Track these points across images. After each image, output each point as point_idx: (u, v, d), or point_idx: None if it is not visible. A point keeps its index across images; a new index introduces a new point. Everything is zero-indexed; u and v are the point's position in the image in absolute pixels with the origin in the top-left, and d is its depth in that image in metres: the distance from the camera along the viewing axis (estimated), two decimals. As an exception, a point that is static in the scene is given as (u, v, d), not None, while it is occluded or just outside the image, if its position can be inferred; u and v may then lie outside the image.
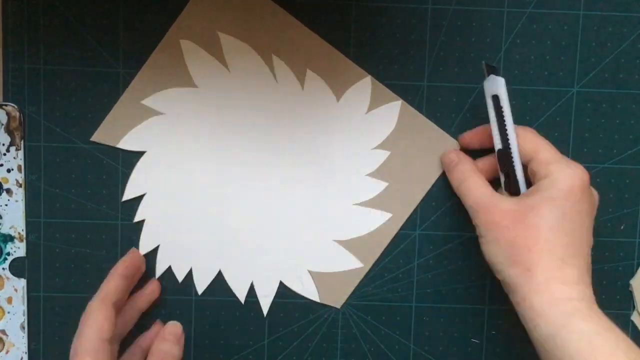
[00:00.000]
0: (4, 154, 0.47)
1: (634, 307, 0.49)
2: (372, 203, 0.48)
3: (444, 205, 0.48)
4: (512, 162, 0.44)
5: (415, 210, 0.48)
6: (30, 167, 0.47)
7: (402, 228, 0.48)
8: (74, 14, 0.46)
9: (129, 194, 0.47)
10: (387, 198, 0.48)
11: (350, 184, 0.48)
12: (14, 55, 0.46)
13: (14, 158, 0.47)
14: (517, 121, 0.47)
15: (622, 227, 0.48)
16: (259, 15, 0.46)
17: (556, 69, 0.47)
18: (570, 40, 0.47)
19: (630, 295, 0.49)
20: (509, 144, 0.44)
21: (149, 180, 0.47)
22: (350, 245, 0.48)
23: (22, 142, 0.47)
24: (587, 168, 0.47)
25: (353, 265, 0.48)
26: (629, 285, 0.49)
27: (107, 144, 0.47)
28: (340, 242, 0.48)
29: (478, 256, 0.48)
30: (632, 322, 0.49)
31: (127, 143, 0.47)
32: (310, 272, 0.48)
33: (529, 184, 0.44)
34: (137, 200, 0.47)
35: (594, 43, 0.47)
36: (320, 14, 0.46)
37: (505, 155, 0.44)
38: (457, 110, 0.47)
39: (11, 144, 0.47)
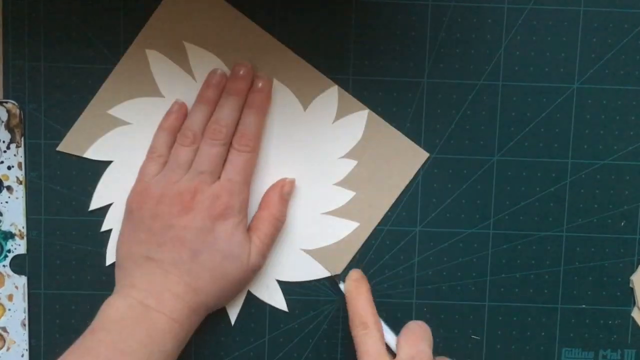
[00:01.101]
0: (5, 151, 0.47)
1: (634, 303, 0.49)
2: (340, 212, 0.48)
3: (444, 202, 0.48)
4: None
5: (415, 207, 0.48)
6: (31, 164, 0.47)
7: (402, 225, 0.48)
8: (74, 11, 0.46)
9: (95, 203, 0.47)
10: (355, 207, 0.48)
11: (318, 193, 0.48)
12: (15, 52, 0.46)
13: (15, 155, 0.47)
14: (518, 118, 0.47)
15: (622, 224, 0.48)
16: (225, 25, 0.46)
17: (556, 66, 0.47)
18: (570, 37, 0.47)
19: (630, 291, 0.49)
20: None
21: (115, 190, 0.47)
22: (318, 254, 0.48)
23: (22, 139, 0.47)
24: (587, 165, 0.48)
25: (321, 274, 0.48)
26: (629, 281, 0.49)
27: (74, 153, 0.47)
28: (308, 252, 0.48)
29: (478, 253, 0.48)
30: (633, 318, 0.49)
31: (93, 153, 0.47)
32: (278, 281, 0.48)
33: None
34: (105, 209, 0.47)
35: (594, 39, 0.47)
36: (320, 10, 0.46)
37: None
38: (458, 107, 0.47)
39: (11, 141, 0.47)
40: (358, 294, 0.45)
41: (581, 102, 0.47)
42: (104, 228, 0.47)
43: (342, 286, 0.47)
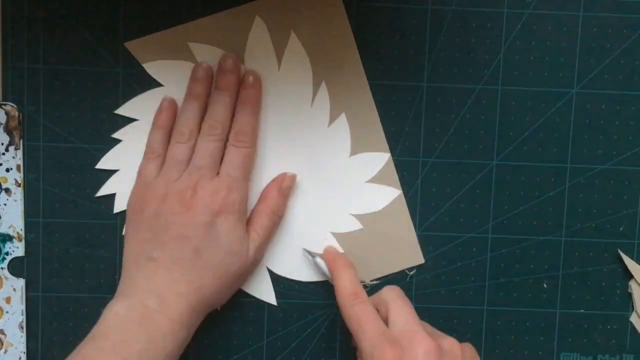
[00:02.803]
0: (3, 154, 0.47)
1: (632, 308, 0.49)
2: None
3: (443, 206, 0.48)
4: None
5: (414, 211, 0.48)
6: (29, 166, 0.47)
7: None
8: (73, 13, 0.46)
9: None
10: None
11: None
12: (14, 54, 0.46)
13: (13, 157, 0.47)
14: (517, 123, 0.47)
15: (621, 229, 0.48)
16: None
17: (555, 70, 0.47)
18: (569, 42, 0.47)
19: (629, 296, 0.49)
20: None
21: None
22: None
23: (21, 141, 0.47)
24: (586, 169, 0.48)
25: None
26: (628, 286, 0.49)
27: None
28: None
29: (477, 257, 0.48)
30: (631, 323, 0.49)
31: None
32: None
33: None
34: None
35: (593, 44, 0.47)
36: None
37: None
38: (457, 111, 0.47)
39: (10, 143, 0.47)
40: (346, 267, 0.45)
41: (580, 107, 0.47)
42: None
43: (319, 261, 0.47)
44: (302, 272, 0.48)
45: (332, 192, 0.48)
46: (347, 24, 0.46)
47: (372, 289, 0.48)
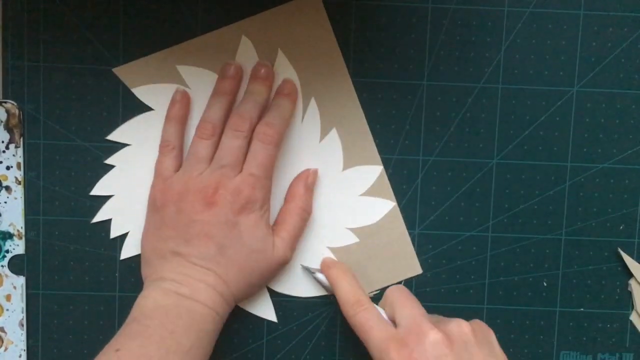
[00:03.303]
0: (3, 152, 0.47)
1: (632, 307, 0.49)
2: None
3: (443, 205, 0.48)
4: None
5: (414, 210, 0.48)
6: (30, 164, 0.47)
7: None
8: (73, 12, 0.46)
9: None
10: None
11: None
12: (14, 52, 0.46)
13: (13, 155, 0.47)
14: (517, 121, 0.47)
15: (621, 227, 0.48)
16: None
17: (556, 69, 0.47)
18: (570, 40, 0.47)
19: (629, 295, 0.49)
20: None
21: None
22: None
23: (21, 139, 0.47)
24: (586, 168, 0.48)
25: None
26: (627, 285, 0.49)
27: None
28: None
29: (477, 256, 0.48)
30: (631, 321, 0.49)
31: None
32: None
33: None
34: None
35: (594, 43, 0.47)
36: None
37: None
38: (457, 110, 0.47)
39: (10, 141, 0.47)
40: (344, 275, 0.45)
41: (580, 106, 0.47)
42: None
43: (319, 276, 0.47)
44: (300, 288, 0.48)
45: (327, 206, 0.48)
46: (334, 40, 0.46)
47: (374, 298, 0.48)
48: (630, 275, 0.48)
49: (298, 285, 0.48)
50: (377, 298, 0.47)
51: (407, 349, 0.39)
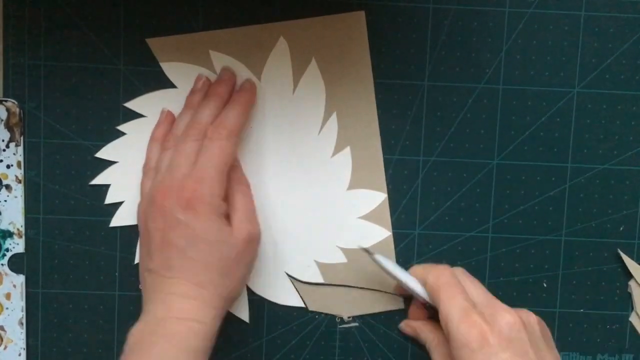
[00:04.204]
0: (4, 150, 0.47)
1: (632, 308, 0.49)
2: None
3: (444, 205, 0.48)
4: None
5: (414, 210, 0.48)
6: (30, 163, 0.47)
7: (401, 227, 0.48)
8: (74, 10, 0.46)
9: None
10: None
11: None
12: (15, 51, 0.46)
13: (14, 154, 0.47)
14: (518, 122, 0.47)
15: (621, 229, 0.48)
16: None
17: (557, 70, 0.47)
18: (571, 41, 0.47)
19: (628, 296, 0.49)
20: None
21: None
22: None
23: (21, 138, 0.47)
24: (587, 169, 0.48)
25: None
26: (627, 286, 0.49)
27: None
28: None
29: (477, 256, 0.48)
30: (631, 323, 0.49)
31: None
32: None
33: None
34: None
35: (595, 44, 0.47)
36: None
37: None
38: (458, 110, 0.47)
39: (11, 139, 0.47)
40: (452, 292, 0.43)
41: (581, 107, 0.47)
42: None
43: (380, 258, 0.46)
44: (278, 296, 0.48)
45: (324, 221, 0.48)
46: (369, 62, 0.46)
47: (365, 323, 0.48)
48: (630, 276, 0.48)
49: (275, 292, 0.48)
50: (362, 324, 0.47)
51: (484, 322, 0.39)
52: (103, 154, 0.47)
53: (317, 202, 0.48)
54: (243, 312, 0.48)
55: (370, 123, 0.47)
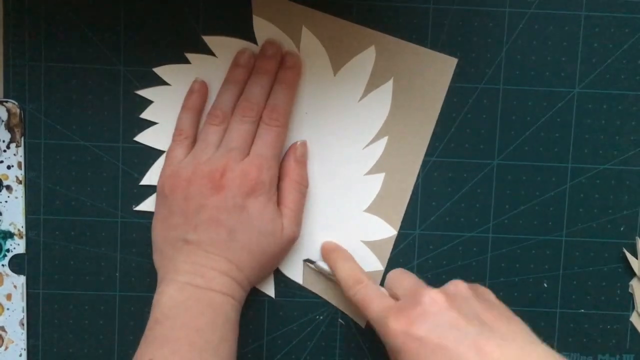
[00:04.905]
0: (4, 151, 0.47)
1: (633, 308, 0.49)
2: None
3: (444, 206, 0.48)
4: None
5: (415, 210, 0.48)
6: (31, 164, 0.47)
7: (402, 228, 0.48)
8: (75, 11, 0.46)
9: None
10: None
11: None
12: (15, 51, 0.46)
13: (14, 155, 0.47)
14: (518, 122, 0.47)
15: (622, 229, 0.48)
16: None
17: (557, 70, 0.47)
18: (571, 41, 0.47)
19: (629, 296, 0.49)
20: None
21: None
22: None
23: (22, 139, 0.47)
24: (587, 169, 0.48)
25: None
26: (628, 286, 0.49)
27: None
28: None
29: (477, 256, 0.48)
30: (631, 323, 0.49)
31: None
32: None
33: None
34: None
35: (595, 44, 0.47)
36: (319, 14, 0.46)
37: None
38: (458, 110, 0.47)
39: (11, 140, 0.47)
40: (343, 258, 0.46)
41: (582, 107, 0.47)
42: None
43: (320, 264, 0.47)
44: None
45: (327, 222, 0.48)
46: (439, 107, 0.47)
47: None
48: (630, 277, 0.48)
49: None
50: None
51: (405, 315, 0.39)
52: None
53: (332, 214, 0.48)
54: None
55: (414, 162, 0.47)
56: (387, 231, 0.48)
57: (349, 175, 0.47)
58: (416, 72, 0.47)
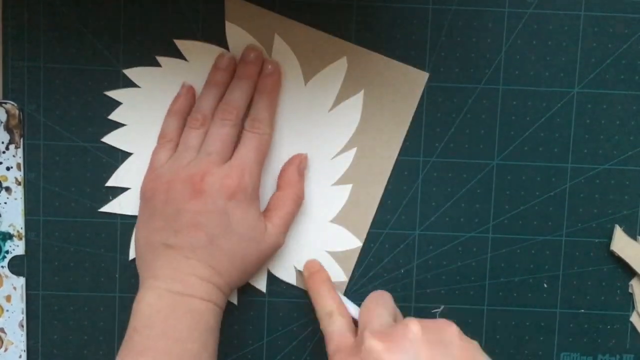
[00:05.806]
0: (3, 152, 0.47)
1: (633, 308, 0.49)
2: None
3: (444, 206, 0.48)
4: None
5: (414, 211, 0.48)
6: (30, 165, 0.47)
7: (402, 228, 0.48)
8: (74, 12, 0.46)
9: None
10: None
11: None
12: (14, 52, 0.46)
13: (13, 156, 0.47)
14: (518, 122, 0.47)
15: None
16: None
17: (557, 70, 0.47)
18: (571, 41, 0.47)
19: (629, 296, 0.49)
20: None
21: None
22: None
23: (21, 140, 0.47)
24: (587, 169, 0.48)
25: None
26: (628, 286, 0.49)
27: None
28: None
29: (477, 257, 0.48)
30: (631, 323, 0.49)
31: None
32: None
33: None
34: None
35: (594, 44, 0.47)
36: (320, 14, 0.46)
37: None
38: (458, 111, 0.47)
39: (10, 141, 0.47)
40: (319, 285, 0.45)
41: (581, 107, 0.47)
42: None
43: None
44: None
45: (299, 232, 0.48)
46: (409, 119, 0.47)
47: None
48: (630, 277, 0.48)
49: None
50: (443, 314, 0.48)
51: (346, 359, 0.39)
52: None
53: (298, 223, 0.47)
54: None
55: (383, 174, 0.47)
56: (353, 242, 0.48)
57: (316, 185, 0.47)
58: (387, 85, 0.47)
